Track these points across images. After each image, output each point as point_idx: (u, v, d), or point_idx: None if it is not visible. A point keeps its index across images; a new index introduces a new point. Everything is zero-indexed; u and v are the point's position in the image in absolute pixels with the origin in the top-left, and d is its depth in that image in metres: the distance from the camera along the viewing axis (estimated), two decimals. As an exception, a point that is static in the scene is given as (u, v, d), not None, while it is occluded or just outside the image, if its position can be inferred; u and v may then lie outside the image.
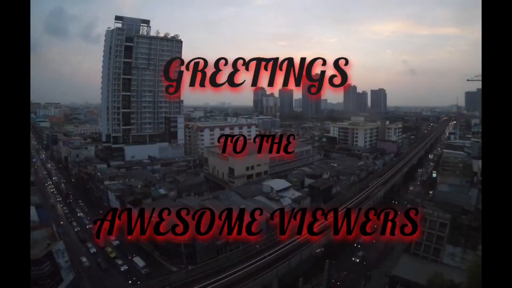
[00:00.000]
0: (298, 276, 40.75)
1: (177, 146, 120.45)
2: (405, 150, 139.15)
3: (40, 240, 40.35)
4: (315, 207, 63.23)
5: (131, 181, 77.57)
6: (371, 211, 27.38)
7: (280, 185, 68.64)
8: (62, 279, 39.33)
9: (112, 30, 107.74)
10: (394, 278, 41.09)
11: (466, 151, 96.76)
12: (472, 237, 43.27)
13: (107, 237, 51.45)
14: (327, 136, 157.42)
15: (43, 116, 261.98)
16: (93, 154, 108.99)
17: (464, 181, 59.00)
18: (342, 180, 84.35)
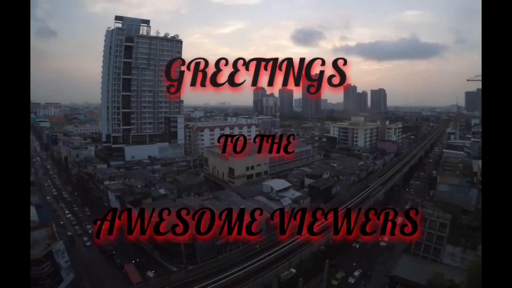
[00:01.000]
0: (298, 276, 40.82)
1: (177, 146, 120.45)
2: (405, 150, 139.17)
3: (40, 240, 40.41)
4: (315, 207, 63.28)
5: (131, 181, 77.56)
6: (371, 211, 27.45)
7: (280, 185, 68.65)
8: (62, 279, 39.39)
9: (112, 30, 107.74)
10: (394, 278, 41.15)
11: (466, 151, 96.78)
12: (472, 237, 43.30)
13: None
14: (327, 136, 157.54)
15: (43, 116, 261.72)
16: (93, 154, 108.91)
17: (464, 181, 58.99)
18: (342, 180, 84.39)
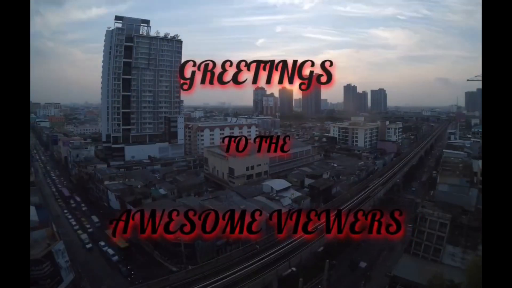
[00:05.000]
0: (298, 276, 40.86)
1: (177, 146, 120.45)
2: (405, 150, 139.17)
3: (40, 240, 40.41)
4: (315, 207, 63.29)
5: (131, 181, 77.53)
6: (360, 212, 30.43)
7: (280, 185, 68.64)
8: (62, 279, 39.39)
9: (112, 30, 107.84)
10: (394, 278, 41.18)
11: (466, 151, 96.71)
12: (472, 237, 43.31)
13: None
14: (327, 136, 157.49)
15: (43, 116, 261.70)
16: (93, 154, 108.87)
17: (464, 181, 58.93)
18: (342, 180, 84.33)
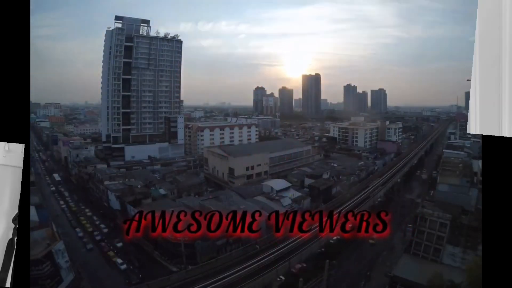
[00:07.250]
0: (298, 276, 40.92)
1: (177, 146, 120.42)
2: (405, 150, 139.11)
3: (40, 240, 40.38)
4: (315, 207, 63.30)
5: (131, 181, 77.48)
6: (349, 213, 32.78)
7: (280, 185, 68.66)
8: (62, 279, 39.37)
9: (112, 30, 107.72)
10: (394, 278, 41.19)
11: (466, 151, 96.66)
12: (472, 237, 43.33)
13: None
14: (327, 136, 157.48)
15: (43, 116, 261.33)
16: (93, 154, 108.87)
17: (464, 181, 58.96)
18: (342, 180, 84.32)
